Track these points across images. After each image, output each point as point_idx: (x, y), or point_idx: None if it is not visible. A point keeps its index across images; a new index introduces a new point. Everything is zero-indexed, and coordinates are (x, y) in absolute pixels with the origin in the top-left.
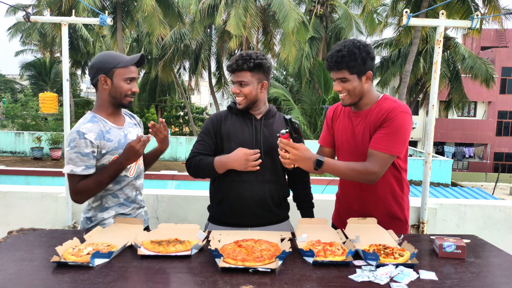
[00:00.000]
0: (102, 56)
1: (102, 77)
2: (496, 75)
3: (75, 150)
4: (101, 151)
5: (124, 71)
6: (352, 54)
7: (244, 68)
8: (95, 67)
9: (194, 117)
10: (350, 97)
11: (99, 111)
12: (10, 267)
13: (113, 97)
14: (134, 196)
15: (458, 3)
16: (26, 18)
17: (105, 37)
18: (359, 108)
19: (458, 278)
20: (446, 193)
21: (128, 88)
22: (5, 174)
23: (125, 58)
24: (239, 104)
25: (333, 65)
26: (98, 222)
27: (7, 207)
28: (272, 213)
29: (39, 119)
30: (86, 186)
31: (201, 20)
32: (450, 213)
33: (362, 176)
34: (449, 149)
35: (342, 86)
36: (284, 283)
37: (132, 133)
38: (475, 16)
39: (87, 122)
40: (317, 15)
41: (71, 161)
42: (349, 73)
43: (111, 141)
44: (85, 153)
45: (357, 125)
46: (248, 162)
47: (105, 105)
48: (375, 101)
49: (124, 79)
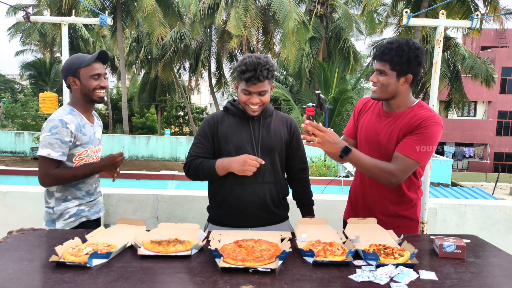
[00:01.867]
0: (69, 60)
1: (71, 78)
2: (496, 75)
3: (56, 137)
4: (75, 142)
5: (88, 70)
6: (400, 51)
7: (268, 78)
8: (64, 71)
9: (194, 117)
10: (381, 92)
11: (75, 106)
12: (10, 267)
13: (84, 94)
14: (93, 189)
15: (458, 3)
16: (26, 18)
17: (105, 37)
18: (390, 109)
19: (458, 278)
20: (446, 193)
21: (96, 84)
22: (5, 174)
23: (87, 57)
24: (254, 112)
25: (379, 55)
26: (62, 211)
27: (7, 207)
28: (272, 214)
29: (39, 119)
30: (61, 175)
31: (201, 20)
32: (450, 213)
33: (383, 176)
34: (449, 149)
35: (378, 78)
36: (284, 283)
37: (98, 132)
38: (475, 16)
39: (67, 113)
40: (317, 15)
41: (50, 145)
42: (390, 68)
43: (86, 135)
44: (65, 141)
45: (386, 126)
46: (246, 165)
47: (79, 102)
48: (409, 106)
49: (90, 76)
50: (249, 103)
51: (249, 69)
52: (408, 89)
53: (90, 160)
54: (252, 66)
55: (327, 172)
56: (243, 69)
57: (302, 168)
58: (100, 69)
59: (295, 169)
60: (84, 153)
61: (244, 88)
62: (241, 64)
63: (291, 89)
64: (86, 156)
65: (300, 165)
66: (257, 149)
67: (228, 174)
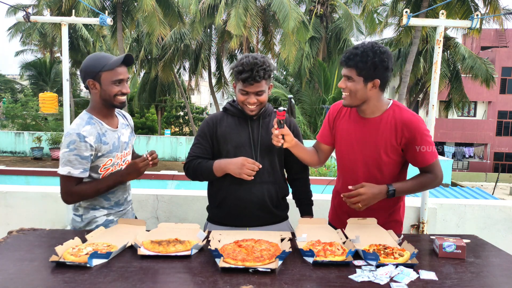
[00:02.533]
0: (89, 60)
1: (90, 81)
2: (496, 75)
3: (75, 153)
4: (97, 154)
5: (110, 74)
6: (365, 56)
7: (265, 78)
8: (83, 72)
9: (194, 117)
10: (351, 99)
11: (94, 112)
12: (10, 267)
13: (104, 99)
14: (123, 199)
15: (458, 3)
16: (26, 18)
17: (105, 37)
18: (364, 114)
19: (458, 278)
20: (446, 193)
21: (118, 90)
22: (5, 174)
23: (111, 61)
24: (252, 111)
25: (344, 61)
26: (90, 220)
27: (7, 207)
28: (271, 214)
29: (39, 119)
30: (82, 191)
31: (201, 20)
32: (450, 213)
33: (433, 185)
34: (449, 149)
35: (346, 84)
36: (284, 283)
37: (125, 134)
38: (475, 16)
39: (85, 124)
40: (317, 15)
41: (69, 163)
42: (356, 73)
43: (107, 144)
44: (84, 156)
45: (367, 133)
46: (244, 169)
47: (98, 106)
48: (384, 109)
49: (112, 81)
50: (247, 103)
51: (246, 70)
52: (378, 93)
53: (118, 168)
54: (249, 66)
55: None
56: (240, 69)
57: (302, 168)
58: (123, 74)
59: (295, 169)
60: (109, 163)
61: (241, 88)
62: (238, 64)
63: (291, 89)
64: (112, 165)
65: (300, 164)
66: (256, 149)
67: (227, 174)
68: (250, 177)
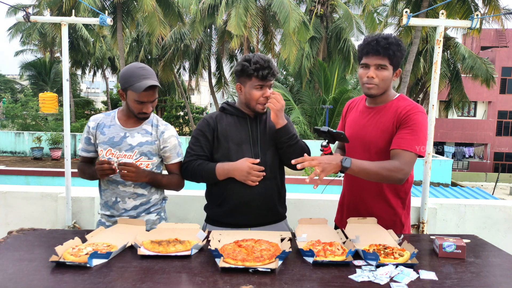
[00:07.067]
0: (124, 72)
1: (120, 90)
2: (496, 75)
3: (83, 133)
4: (95, 141)
5: (134, 95)
6: (398, 46)
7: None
8: (119, 79)
9: (194, 117)
10: (379, 88)
11: (120, 110)
12: (10, 267)
13: (127, 108)
14: (112, 202)
15: (458, 3)
16: (26, 18)
17: (105, 37)
18: (375, 103)
19: (458, 278)
20: (446, 193)
21: (139, 108)
22: (5, 174)
23: (138, 82)
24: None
25: (380, 49)
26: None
27: (7, 207)
28: (273, 211)
29: (39, 119)
30: (77, 167)
31: (201, 20)
32: (450, 213)
33: (391, 174)
34: (449, 149)
35: (377, 74)
36: (284, 283)
37: (136, 137)
38: (475, 16)
39: (104, 114)
40: (318, 15)
41: (81, 141)
42: (389, 62)
43: (104, 134)
44: (85, 137)
45: (369, 120)
46: (250, 176)
47: (125, 108)
48: (391, 99)
49: (135, 101)
50: (264, 97)
51: (264, 66)
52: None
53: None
54: (266, 63)
55: None
56: (257, 66)
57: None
58: (147, 97)
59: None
60: (101, 153)
61: (258, 84)
62: (253, 62)
63: (291, 89)
64: (102, 157)
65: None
66: (256, 146)
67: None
68: (255, 183)
